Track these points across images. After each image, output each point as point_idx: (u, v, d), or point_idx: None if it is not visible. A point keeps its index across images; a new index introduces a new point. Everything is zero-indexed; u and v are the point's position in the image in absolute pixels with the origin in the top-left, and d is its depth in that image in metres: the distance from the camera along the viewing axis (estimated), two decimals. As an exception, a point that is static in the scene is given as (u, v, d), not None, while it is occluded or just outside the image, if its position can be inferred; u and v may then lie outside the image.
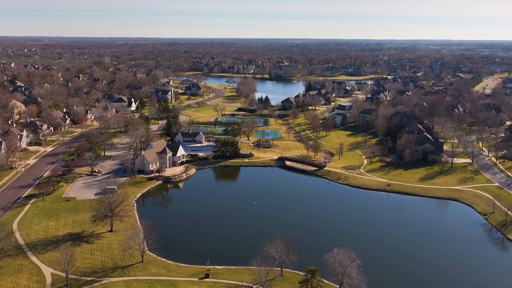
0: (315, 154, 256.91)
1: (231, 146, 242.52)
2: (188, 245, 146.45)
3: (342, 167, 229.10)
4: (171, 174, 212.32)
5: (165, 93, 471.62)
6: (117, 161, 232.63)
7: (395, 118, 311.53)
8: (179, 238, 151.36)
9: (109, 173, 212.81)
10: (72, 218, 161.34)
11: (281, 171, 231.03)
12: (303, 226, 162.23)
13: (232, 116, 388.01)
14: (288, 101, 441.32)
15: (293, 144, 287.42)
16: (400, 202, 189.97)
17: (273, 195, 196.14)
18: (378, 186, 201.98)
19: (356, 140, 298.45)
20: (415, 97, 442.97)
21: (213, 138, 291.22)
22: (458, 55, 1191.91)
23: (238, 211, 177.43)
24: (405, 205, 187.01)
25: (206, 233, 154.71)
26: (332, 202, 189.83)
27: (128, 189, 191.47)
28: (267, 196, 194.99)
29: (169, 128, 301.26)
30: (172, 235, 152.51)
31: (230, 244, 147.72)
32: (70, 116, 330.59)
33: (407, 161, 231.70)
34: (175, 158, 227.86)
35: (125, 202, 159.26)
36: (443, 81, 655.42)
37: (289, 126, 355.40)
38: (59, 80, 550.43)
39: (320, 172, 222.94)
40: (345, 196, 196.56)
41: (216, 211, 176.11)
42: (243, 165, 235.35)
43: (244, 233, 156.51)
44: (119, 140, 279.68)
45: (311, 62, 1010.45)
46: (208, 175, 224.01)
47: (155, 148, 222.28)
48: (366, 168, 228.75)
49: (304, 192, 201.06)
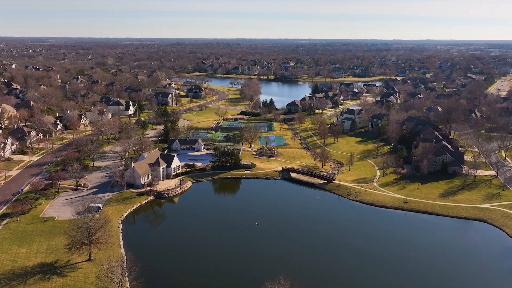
0: (323, 164, 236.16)
1: (231, 156, 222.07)
2: (177, 279, 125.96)
3: (353, 180, 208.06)
4: (164, 189, 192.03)
5: (165, 95, 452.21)
6: (107, 172, 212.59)
7: (409, 124, 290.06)
8: (167, 270, 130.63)
9: (96, 187, 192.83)
10: (47, 244, 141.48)
11: (286, 184, 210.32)
12: (310, 255, 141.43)
13: (235, 121, 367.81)
14: (293, 104, 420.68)
15: (299, 152, 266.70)
16: (420, 222, 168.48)
17: (277, 213, 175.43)
18: (394, 204, 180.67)
19: (367, 147, 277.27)
20: (428, 100, 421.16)
21: (213, 146, 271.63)
22: (468, 56, 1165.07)
23: (236, 234, 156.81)
24: (425, 226, 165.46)
25: (199, 265, 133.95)
26: (343, 223, 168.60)
27: (115, 207, 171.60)
28: (270, 214, 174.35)
29: (167, 134, 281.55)
30: (160, 265, 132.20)
31: (225, 280, 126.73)
32: (62, 121, 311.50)
33: (424, 173, 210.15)
34: (170, 170, 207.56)
35: (106, 227, 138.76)
36: (454, 83, 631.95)
37: (294, 131, 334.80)
38: (57, 82, 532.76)
39: (329, 186, 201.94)
40: (357, 215, 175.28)
41: (211, 234, 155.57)
42: (244, 178, 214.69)
43: (242, 265, 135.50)
44: (111, 148, 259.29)
45: (317, 62, 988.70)
46: (205, 189, 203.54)
47: (147, 159, 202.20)
48: (379, 181, 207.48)
49: (311, 210, 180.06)
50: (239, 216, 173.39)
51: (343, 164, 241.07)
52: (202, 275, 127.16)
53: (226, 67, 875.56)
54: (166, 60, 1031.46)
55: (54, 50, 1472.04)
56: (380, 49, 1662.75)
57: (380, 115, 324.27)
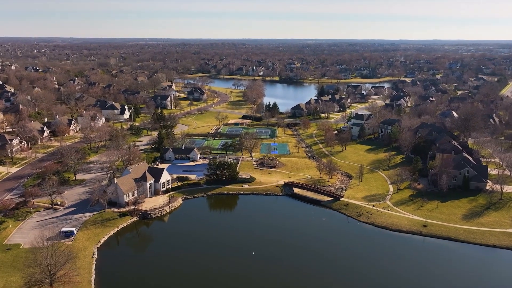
0: (329, 177, 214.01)
1: (227, 169, 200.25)
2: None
3: (363, 198, 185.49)
4: (150, 208, 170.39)
5: (164, 98, 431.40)
6: (89, 187, 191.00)
7: (423, 131, 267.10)
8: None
9: (74, 206, 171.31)
10: (5, 280, 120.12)
11: (288, 202, 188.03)
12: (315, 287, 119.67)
13: (236, 126, 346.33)
14: (298, 108, 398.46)
15: (303, 162, 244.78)
16: (441, 250, 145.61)
17: (278, 237, 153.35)
18: (411, 227, 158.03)
19: (377, 157, 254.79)
20: (441, 104, 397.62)
21: (210, 156, 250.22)
22: (479, 56, 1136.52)
23: (232, 262, 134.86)
24: (447, 255, 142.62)
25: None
26: (353, 250, 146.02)
27: (92, 231, 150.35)
28: (270, 238, 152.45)
29: (160, 142, 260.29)
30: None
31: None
32: (51, 127, 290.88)
33: (444, 190, 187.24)
34: (158, 185, 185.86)
35: (74, 260, 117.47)
36: (466, 85, 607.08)
37: (299, 138, 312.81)
38: (53, 84, 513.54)
39: (336, 205, 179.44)
40: (369, 240, 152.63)
41: (203, 263, 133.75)
42: (241, 193, 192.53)
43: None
44: (98, 158, 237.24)
45: (324, 63, 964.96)
46: (197, 207, 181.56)
47: (133, 173, 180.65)
48: (393, 198, 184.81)
49: (316, 234, 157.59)
50: (235, 240, 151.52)
51: (351, 177, 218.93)
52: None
53: (230, 68, 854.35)
54: (170, 61, 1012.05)
55: (58, 50, 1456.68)
56: (387, 49, 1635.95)
57: (391, 121, 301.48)
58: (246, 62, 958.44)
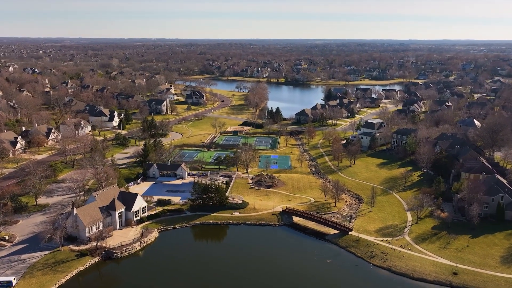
0: (336, 201, 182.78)
1: (215, 193, 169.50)
2: None
3: (376, 231, 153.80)
4: (117, 244, 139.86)
5: (159, 103, 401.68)
6: (51, 215, 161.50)
7: (443, 144, 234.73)
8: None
9: (25, 242, 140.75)
10: None
11: (286, 234, 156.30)
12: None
13: (234, 134, 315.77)
14: (303, 113, 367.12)
15: (306, 180, 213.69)
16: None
17: (269, 284, 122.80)
18: (437, 275, 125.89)
19: (391, 173, 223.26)
20: (460, 110, 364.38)
21: (199, 173, 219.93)
22: (493, 57, 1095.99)
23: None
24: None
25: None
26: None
27: (37, 279, 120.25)
28: (262, 285, 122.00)
29: (145, 155, 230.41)
30: None
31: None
32: (27, 136, 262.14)
33: (474, 221, 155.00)
34: (130, 214, 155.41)
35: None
36: (483, 87, 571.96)
37: (303, 148, 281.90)
38: (45, 86, 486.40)
39: (344, 241, 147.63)
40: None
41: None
42: (231, 223, 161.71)
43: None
44: (72, 175, 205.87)
45: (332, 64, 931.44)
46: (176, 241, 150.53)
47: (100, 200, 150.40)
48: (412, 232, 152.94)
49: (318, 282, 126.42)
50: (220, 286, 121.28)
51: (362, 200, 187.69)
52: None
53: (234, 69, 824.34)
54: (173, 62, 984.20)
55: (64, 51, 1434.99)
56: (396, 50, 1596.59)
57: (405, 131, 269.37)
58: (251, 63, 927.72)
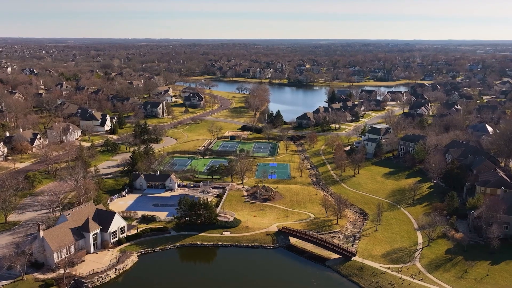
0: (338, 218, 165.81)
1: (204, 210, 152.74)
2: None
3: (383, 255, 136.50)
4: (89, 271, 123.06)
5: (155, 106, 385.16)
6: (21, 235, 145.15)
7: (454, 152, 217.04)
8: None
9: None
10: None
11: (281, 259, 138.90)
12: None
13: (231, 140, 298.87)
14: (305, 117, 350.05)
15: (306, 192, 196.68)
16: None
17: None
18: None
19: (399, 184, 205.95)
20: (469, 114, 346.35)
21: (191, 184, 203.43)
22: (500, 57, 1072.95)
23: None
24: None
25: None
26: None
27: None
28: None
29: (134, 164, 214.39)
30: None
31: None
32: (10, 143, 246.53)
33: (493, 244, 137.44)
34: (107, 235, 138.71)
35: None
36: (492, 89, 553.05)
37: (304, 155, 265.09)
38: (39, 88, 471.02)
39: (346, 267, 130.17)
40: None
41: None
42: (220, 245, 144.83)
43: None
44: (52, 187, 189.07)
45: (336, 65, 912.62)
46: (158, 267, 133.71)
47: (72, 220, 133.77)
48: (424, 257, 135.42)
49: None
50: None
51: (367, 216, 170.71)
52: None
53: (236, 70, 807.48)
54: (175, 62, 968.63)
55: (66, 51, 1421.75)
56: (402, 50, 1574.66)
57: (413, 137, 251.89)
58: (254, 64, 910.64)
